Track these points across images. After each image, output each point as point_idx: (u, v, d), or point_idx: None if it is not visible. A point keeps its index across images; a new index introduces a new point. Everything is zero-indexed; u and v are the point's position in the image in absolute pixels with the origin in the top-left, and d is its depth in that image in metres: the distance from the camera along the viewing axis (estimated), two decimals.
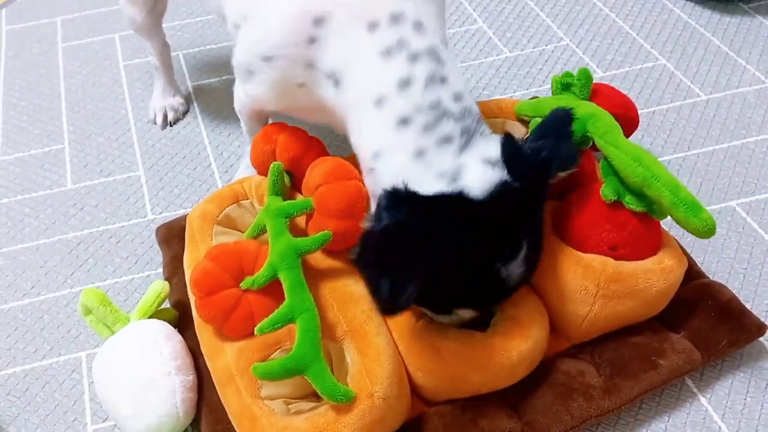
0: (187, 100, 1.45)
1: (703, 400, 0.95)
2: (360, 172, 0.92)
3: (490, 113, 1.12)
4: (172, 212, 1.23)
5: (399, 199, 0.80)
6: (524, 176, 0.82)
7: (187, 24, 1.64)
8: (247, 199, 1.03)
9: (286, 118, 1.07)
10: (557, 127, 0.89)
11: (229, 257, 0.89)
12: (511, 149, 0.83)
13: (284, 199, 0.97)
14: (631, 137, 1.04)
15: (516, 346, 0.87)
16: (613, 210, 0.92)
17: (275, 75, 0.91)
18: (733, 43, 1.47)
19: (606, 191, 0.92)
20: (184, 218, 1.08)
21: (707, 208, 1.15)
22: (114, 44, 1.60)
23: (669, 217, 0.89)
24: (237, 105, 1.08)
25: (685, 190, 0.87)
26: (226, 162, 1.32)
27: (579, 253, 0.92)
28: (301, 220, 0.96)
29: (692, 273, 1.01)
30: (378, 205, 0.81)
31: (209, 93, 1.46)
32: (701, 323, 0.96)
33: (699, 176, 1.22)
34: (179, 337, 0.96)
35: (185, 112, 1.43)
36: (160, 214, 1.24)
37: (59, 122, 1.42)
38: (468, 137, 0.83)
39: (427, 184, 0.81)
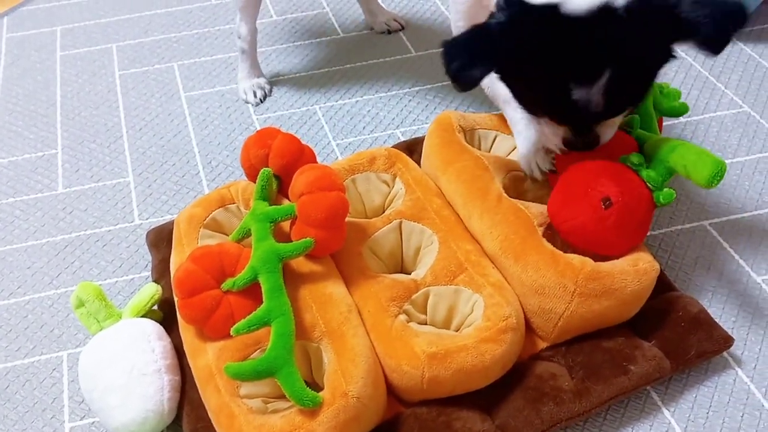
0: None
1: (666, 412, 0.97)
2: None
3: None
4: (158, 218, 1.26)
5: (510, 4, 0.87)
6: (637, 9, 0.84)
7: (183, 36, 1.67)
8: (234, 203, 1.06)
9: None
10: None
11: (211, 259, 0.91)
12: None
13: (270, 204, 1.00)
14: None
15: (490, 349, 0.89)
16: (614, 167, 0.96)
17: None
18: (713, 68, 1.51)
19: (632, 157, 0.97)
20: (173, 223, 1.10)
21: (680, 227, 1.19)
22: (111, 54, 1.64)
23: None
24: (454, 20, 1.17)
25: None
26: (214, 170, 1.35)
27: (558, 251, 0.95)
28: (285, 225, 0.99)
29: (663, 285, 1.04)
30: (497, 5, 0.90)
31: (202, 103, 1.50)
32: (671, 333, 0.98)
33: None
34: (169, 338, 0.98)
35: (270, 90, 1.51)
36: (146, 219, 1.26)
37: (54, 128, 1.46)
38: None
39: None
